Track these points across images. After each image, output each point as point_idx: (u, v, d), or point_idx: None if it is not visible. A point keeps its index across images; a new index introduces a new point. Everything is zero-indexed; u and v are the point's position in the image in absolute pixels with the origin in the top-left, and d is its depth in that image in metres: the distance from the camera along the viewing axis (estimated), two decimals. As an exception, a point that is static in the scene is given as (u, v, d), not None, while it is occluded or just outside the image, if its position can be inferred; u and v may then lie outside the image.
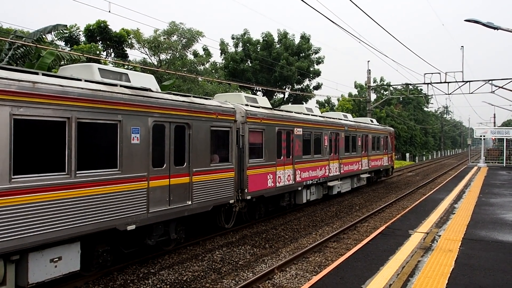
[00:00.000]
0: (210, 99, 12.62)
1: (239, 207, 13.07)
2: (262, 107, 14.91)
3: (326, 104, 57.56)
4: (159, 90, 10.73)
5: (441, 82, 33.52)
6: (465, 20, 16.78)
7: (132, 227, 9.03)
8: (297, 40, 42.01)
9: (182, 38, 31.87)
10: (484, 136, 38.71)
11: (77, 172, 7.89)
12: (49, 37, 23.74)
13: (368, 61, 37.93)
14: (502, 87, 32.50)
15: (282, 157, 15.31)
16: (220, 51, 41.29)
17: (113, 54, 30.77)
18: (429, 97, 70.34)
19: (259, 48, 41.09)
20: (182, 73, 28.79)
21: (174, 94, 10.80)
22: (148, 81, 10.70)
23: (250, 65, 40.60)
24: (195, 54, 36.66)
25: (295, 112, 17.08)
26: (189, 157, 10.79)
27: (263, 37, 41.36)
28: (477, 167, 36.34)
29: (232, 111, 12.64)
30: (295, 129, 16.24)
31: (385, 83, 60.86)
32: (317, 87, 43.97)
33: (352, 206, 19.29)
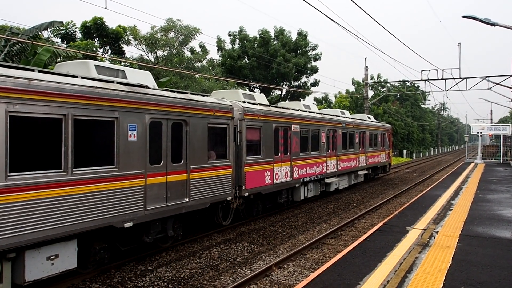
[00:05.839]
0: (207, 96, 12.58)
1: (237, 204, 13.06)
2: (260, 104, 14.88)
3: (323, 101, 57.53)
4: (156, 87, 10.69)
5: (438, 79, 33.59)
6: (462, 17, 16.75)
7: (129, 224, 9.00)
8: (294, 37, 41.95)
9: (179, 35, 31.73)
10: (481, 132, 38.78)
11: (74, 169, 7.85)
12: (45, 34, 23.64)
13: (366, 58, 38.10)
14: (499, 84, 32.58)
15: (279, 154, 15.30)
16: (217, 48, 41.21)
17: (109, 51, 30.64)
18: (426, 93, 70.73)
19: (256, 45, 40.99)
20: (179, 70, 28.71)
21: (171, 91, 10.75)
22: (145, 78, 10.65)
23: (247, 62, 40.52)
24: (192, 51, 36.55)
25: (292, 109, 17.06)
26: (186, 154, 10.76)
27: (260, 34, 41.26)
28: (474, 164, 36.42)
29: (230, 108, 12.60)
30: (292, 126, 16.22)
31: (382, 80, 60.88)
32: (315, 84, 43.95)
33: (349, 202, 19.31)
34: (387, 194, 22.20)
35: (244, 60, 40.68)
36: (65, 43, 28.06)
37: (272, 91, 42.96)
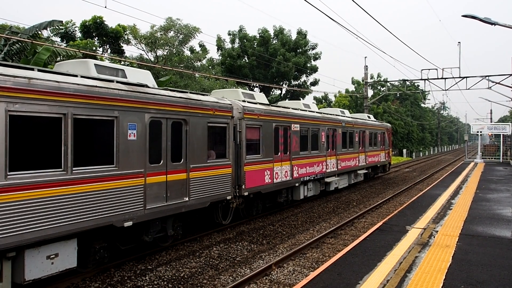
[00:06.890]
0: (207, 95, 12.57)
1: (237, 203, 13.06)
2: (259, 103, 14.88)
3: (323, 100, 57.56)
4: (156, 86, 10.68)
5: (438, 78, 33.59)
6: (462, 16, 16.74)
7: (129, 223, 9.00)
8: (293, 36, 41.94)
9: (178, 34, 31.71)
10: (481, 132, 38.81)
11: (74, 168, 7.84)
12: (45, 33, 23.59)
13: (365, 57, 38.10)
14: (498, 83, 32.59)
15: (279, 153, 15.29)
16: (216, 47, 41.19)
17: (109, 50, 30.61)
18: (426, 93, 70.72)
19: (255, 44, 40.98)
20: (179, 69, 28.69)
21: (171, 90, 10.75)
22: (145, 77, 10.65)
23: (247, 61, 40.51)
24: (192, 50, 36.53)
25: (292, 108, 17.05)
26: (186, 153, 10.75)
27: (259, 33, 41.26)
28: (474, 163, 36.44)
29: (229, 107, 12.60)
30: (292, 125, 16.21)
31: (382, 79, 60.88)
32: (314, 83, 43.98)
33: (349, 202, 19.31)
34: (387, 194, 22.20)
35: (243, 59, 40.67)
36: (64, 42, 28.03)
37: (272, 90, 42.97)
